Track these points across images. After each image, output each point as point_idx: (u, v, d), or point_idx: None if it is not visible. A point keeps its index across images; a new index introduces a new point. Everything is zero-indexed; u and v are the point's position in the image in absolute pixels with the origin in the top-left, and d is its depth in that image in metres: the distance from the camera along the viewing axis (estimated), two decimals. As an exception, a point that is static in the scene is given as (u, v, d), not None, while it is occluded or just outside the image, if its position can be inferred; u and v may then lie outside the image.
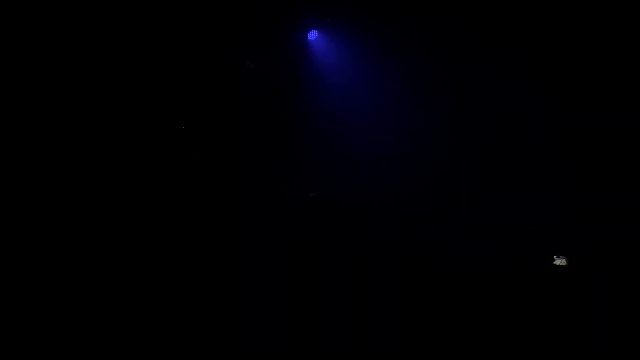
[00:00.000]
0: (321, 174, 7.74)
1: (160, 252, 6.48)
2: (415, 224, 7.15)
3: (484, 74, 7.36)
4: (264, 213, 7.07)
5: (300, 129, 7.84)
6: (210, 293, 6.14)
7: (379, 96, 7.77)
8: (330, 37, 7.88)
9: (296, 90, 7.90)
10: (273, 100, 7.84)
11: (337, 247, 6.71)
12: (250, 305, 6.05)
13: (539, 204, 6.99)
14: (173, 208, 6.83)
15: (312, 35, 7.89)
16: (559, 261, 6.88)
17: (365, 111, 7.79)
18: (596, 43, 6.83)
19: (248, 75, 7.81)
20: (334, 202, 7.49)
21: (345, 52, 7.87)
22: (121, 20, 7.04)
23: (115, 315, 5.86)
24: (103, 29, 6.96)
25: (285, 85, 7.90)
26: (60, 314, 5.82)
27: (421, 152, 7.60)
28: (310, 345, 5.70)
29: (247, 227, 6.86)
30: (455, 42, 7.50)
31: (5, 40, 6.54)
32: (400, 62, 7.68)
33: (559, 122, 7.08)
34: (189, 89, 7.48)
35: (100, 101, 6.94)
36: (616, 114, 6.76)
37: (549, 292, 6.34)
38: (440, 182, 7.45)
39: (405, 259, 6.71)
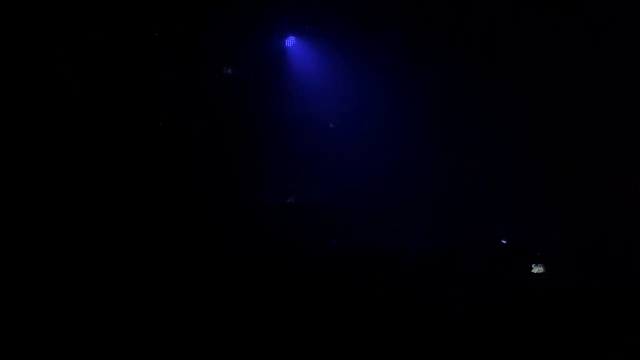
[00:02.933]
0: (298, 179, 7.63)
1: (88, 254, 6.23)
2: (388, 229, 7.05)
3: (464, 79, 7.33)
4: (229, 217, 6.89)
5: (276, 134, 7.74)
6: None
7: (356, 102, 7.71)
8: (307, 43, 7.84)
9: (273, 95, 7.83)
10: (249, 105, 7.76)
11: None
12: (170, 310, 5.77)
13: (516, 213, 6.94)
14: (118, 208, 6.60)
15: (290, 41, 7.85)
16: (537, 269, 6.94)
17: (343, 116, 7.72)
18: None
19: (225, 80, 7.74)
20: (310, 207, 7.36)
21: (322, 58, 7.82)
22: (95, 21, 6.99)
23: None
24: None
25: (261, 91, 7.83)
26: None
27: (400, 156, 7.50)
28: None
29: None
30: (434, 48, 7.46)
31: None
32: (378, 67, 7.64)
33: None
34: (163, 92, 7.37)
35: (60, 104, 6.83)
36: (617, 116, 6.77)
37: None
38: (418, 186, 7.33)
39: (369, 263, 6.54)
